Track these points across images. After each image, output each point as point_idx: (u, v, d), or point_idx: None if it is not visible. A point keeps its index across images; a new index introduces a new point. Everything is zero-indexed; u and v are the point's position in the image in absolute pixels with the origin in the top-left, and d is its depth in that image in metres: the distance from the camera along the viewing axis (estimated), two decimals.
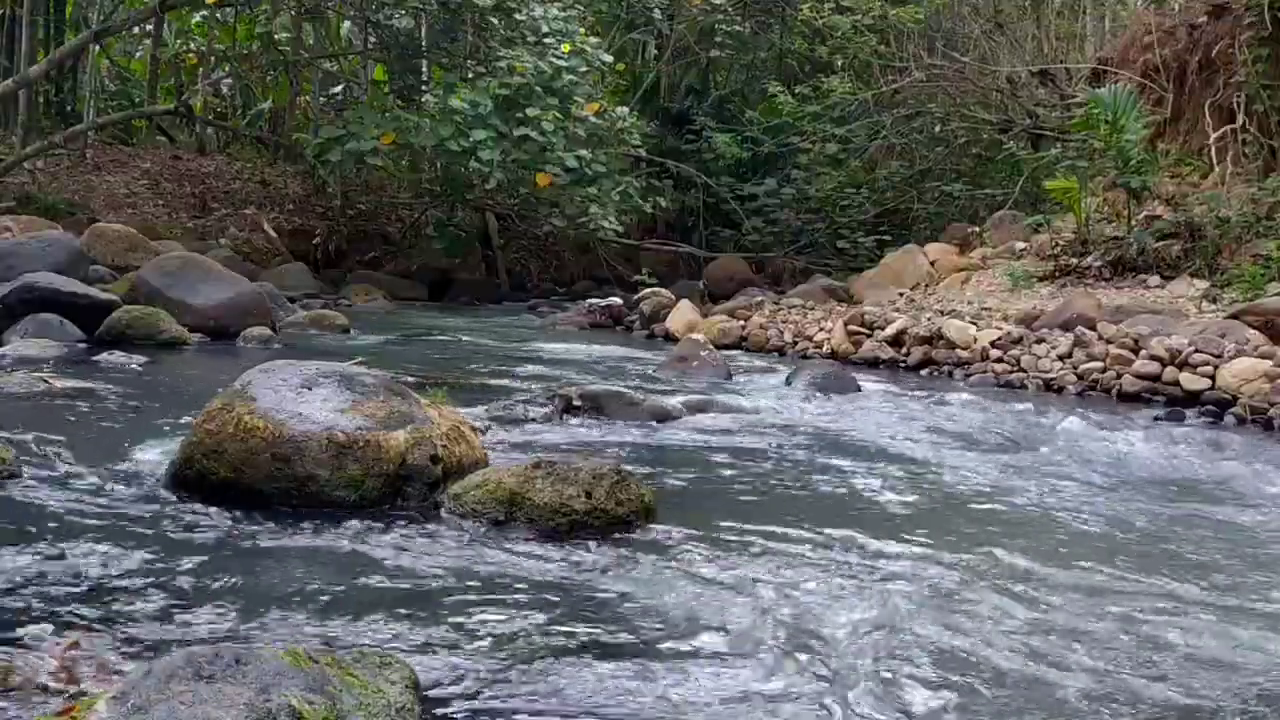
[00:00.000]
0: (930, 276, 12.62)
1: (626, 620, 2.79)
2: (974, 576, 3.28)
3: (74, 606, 2.65)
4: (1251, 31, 10.94)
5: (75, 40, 17.05)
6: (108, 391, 5.76)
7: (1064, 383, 8.10)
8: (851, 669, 2.53)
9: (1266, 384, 6.98)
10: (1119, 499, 4.60)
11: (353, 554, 3.20)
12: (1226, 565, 3.61)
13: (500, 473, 3.68)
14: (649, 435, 5.53)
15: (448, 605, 2.81)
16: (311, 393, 3.79)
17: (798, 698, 2.37)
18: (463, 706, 2.25)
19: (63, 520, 3.35)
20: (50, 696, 2.13)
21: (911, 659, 2.60)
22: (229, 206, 18.11)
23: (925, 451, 5.49)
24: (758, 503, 4.25)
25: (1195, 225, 10.47)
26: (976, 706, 2.37)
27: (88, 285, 8.51)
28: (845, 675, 2.50)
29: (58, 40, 19.03)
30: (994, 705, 2.38)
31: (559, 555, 3.29)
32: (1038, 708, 2.38)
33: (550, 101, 14.79)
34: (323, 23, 19.20)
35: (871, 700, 2.37)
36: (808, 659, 2.58)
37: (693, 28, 19.94)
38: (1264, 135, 11.08)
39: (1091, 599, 3.13)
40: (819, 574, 3.22)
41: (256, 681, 1.82)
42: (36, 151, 15.94)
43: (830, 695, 2.38)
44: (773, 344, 10.61)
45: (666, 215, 19.67)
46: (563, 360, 9.04)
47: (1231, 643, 2.83)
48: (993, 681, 2.50)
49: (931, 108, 17.22)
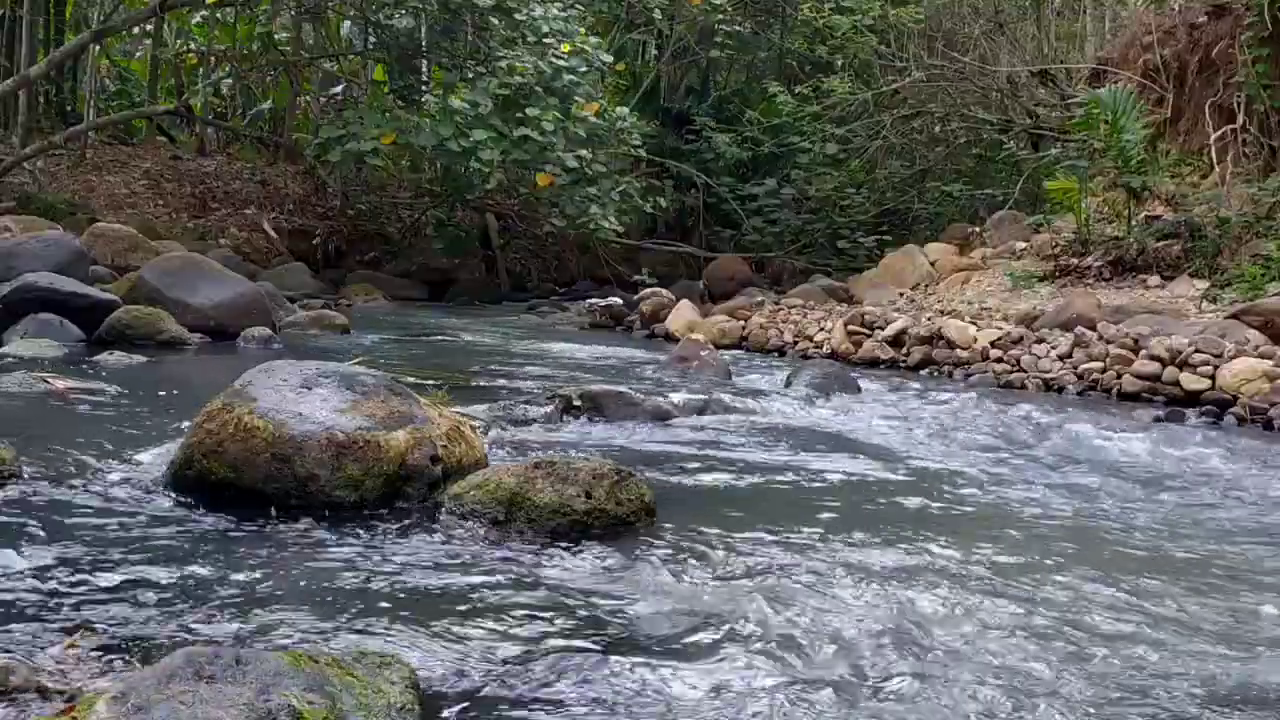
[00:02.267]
0: (930, 276, 12.62)
1: (627, 620, 2.79)
2: (974, 576, 3.28)
3: (73, 606, 2.65)
4: (1251, 31, 10.94)
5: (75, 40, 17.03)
6: (108, 391, 5.76)
7: (1064, 383, 8.10)
8: (852, 669, 2.53)
9: (1266, 384, 6.99)
10: (1119, 499, 4.60)
11: (352, 554, 3.20)
12: (1227, 565, 3.60)
13: (500, 473, 3.68)
14: (649, 435, 5.53)
15: (448, 605, 2.81)
16: (311, 393, 3.79)
17: (798, 698, 2.36)
18: (463, 706, 2.25)
19: (62, 520, 3.35)
20: (50, 696, 2.13)
21: (912, 659, 2.60)
22: (229, 206, 18.11)
23: (925, 452, 5.49)
24: (758, 503, 4.24)
25: (1195, 225, 10.47)
26: (977, 707, 2.37)
27: (88, 285, 8.50)
28: (846, 675, 2.50)
29: (58, 40, 19.02)
30: (994, 705, 2.38)
31: (559, 555, 3.29)
32: (1039, 708, 2.37)
33: (550, 101, 14.78)
34: (323, 23, 19.18)
35: (872, 700, 2.37)
36: (808, 659, 2.58)
37: (693, 28, 19.93)
38: (1264, 135, 11.08)
39: (1091, 599, 3.13)
40: (819, 574, 3.22)
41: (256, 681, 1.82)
42: (36, 151, 15.94)
43: (831, 695, 2.38)
44: (773, 344, 10.61)
45: (666, 215, 19.66)
46: (563, 360, 9.04)
47: (1232, 642, 2.83)
48: (993, 681, 2.49)
49: (931, 108, 17.21)
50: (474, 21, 15.55)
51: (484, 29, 15.51)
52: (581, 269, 19.39)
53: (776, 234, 18.18)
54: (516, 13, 15.06)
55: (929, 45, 17.49)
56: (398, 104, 16.39)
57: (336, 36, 20.53)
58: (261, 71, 20.36)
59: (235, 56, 19.99)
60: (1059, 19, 18.19)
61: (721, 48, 19.77)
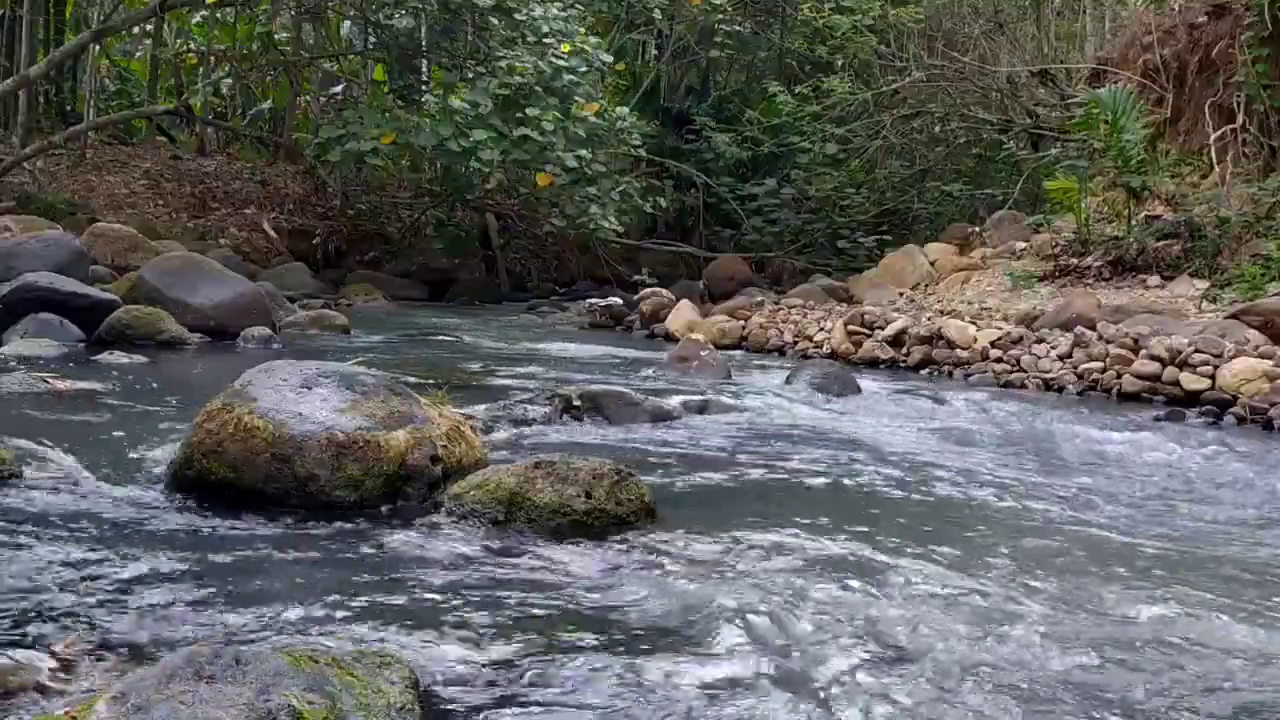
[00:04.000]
0: (930, 276, 12.62)
1: (626, 620, 2.79)
2: (974, 576, 3.28)
3: (73, 607, 2.65)
4: (1251, 31, 10.94)
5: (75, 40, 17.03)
6: (108, 391, 5.76)
7: (1064, 383, 8.10)
8: (852, 669, 2.53)
9: (1266, 384, 6.99)
10: (1118, 499, 4.60)
11: (353, 554, 3.20)
12: (1227, 566, 3.61)
13: (500, 473, 3.68)
14: (649, 435, 5.53)
15: (448, 605, 2.81)
16: (311, 393, 3.79)
17: (798, 698, 2.36)
18: (463, 706, 2.25)
19: (63, 520, 3.35)
20: (50, 697, 2.13)
21: (913, 659, 2.60)
22: (229, 206, 18.11)
23: (925, 452, 5.49)
24: (758, 502, 4.24)
25: (1195, 225, 10.47)
26: (977, 707, 2.37)
27: (88, 285, 8.50)
28: (846, 675, 2.49)
29: (58, 40, 19.03)
30: (994, 706, 2.38)
31: (559, 555, 3.29)
32: (1040, 709, 2.37)
33: (550, 101, 14.78)
34: (323, 23, 19.19)
35: (873, 700, 2.37)
36: (808, 659, 2.58)
37: (693, 28, 19.93)
38: (1264, 135, 11.09)
39: (1091, 599, 3.13)
40: (819, 574, 3.22)
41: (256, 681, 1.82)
42: (36, 151, 15.94)
43: (831, 695, 2.38)
44: (773, 344, 10.61)
45: (666, 215, 19.66)
46: (563, 360, 9.04)
47: (1233, 642, 2.83)
48: (993, 682, 2.49)
49: (931, 108, 17.21)
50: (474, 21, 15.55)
51: (484, 29, 15.52)
52: (581, 269, 19.39)
53: (776, 234, 18.18)
54: (516, 13, 15.07)
55: (929, 45, 17.49)
56: (398, 104, 16.39)
57: (336, 36, 20.53)
58: (261, 71, 20.36)
59: (235, 56, 19.99)
60: (1059, 19, 18.19)
61: (721, 48, 19.78)
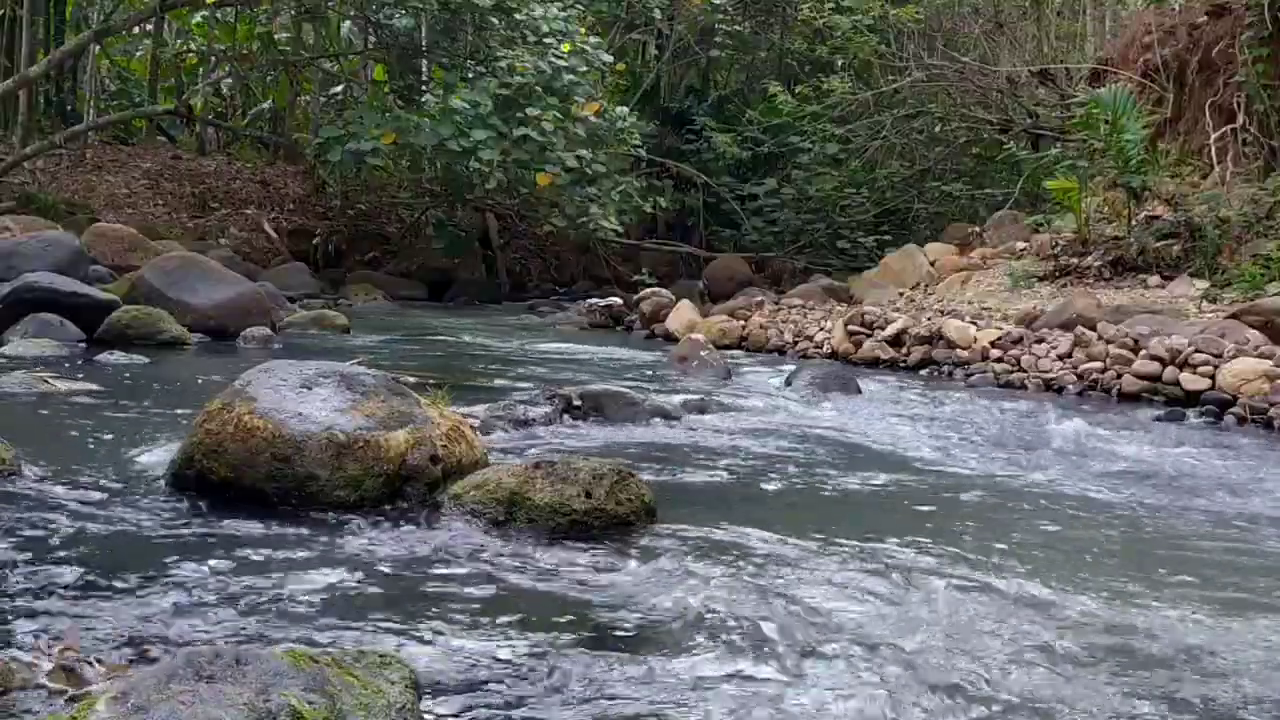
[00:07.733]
0: (930, 276, 12.62)
1: (626, 620, 2.79)
2: (973, 576, 3.28)
3: (74, 606, 2.65)
4: (1251, 31, 10.94)
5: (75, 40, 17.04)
6: (108, 391, 5.76)
7: (1064, 383, 8.10)
8: (852, 669, 2.53)
9: (1266, 384, 6.98)
10: (1118, 499, 4.60)
11: (353, 554, 3.20)
12: (1228, 566, 3.61)
13: (500, 473, 3.68)
14: (649, 435, 5.53)
15: (447, 605, 2.81)
16: (311, 393, 3.78)
17: (798, 698, 2.37)
18: (463, 706, 2.25)
19: (63, 520, 3.35)
20: (50, 697, 2.13)
21: (913, 659, 2.60)
22: (229, 206, 18.12)
23: (925, 452, 5.49)
24: (758, 503, 4.25)
25: (1195, 225, 10.47)
26: (976, 707, 2.37)
27: (88, 285, 8.51)
28: (846, 675, 2.50)
29: (58, 40, 19.02)
30: (994, 706, 2.38)
31: (559, 555, 3.29)
32: (1040, 709, 2.37)
33: (550, 101, 14.79)
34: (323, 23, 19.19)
35: (872, 700, 2.37)
36: (808, 659, 2.58)
37: (693, 28, 19.94)
38: (1264, 135, 11.08)
39: (1092, 599, 3.13)
40: (819, 574, 3.22)
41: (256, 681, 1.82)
42: (36, 151, 15.95)
43: (830, 695, 2.38)
44: (773, 344, 10.61)
45: (666, 215, 19.67)
46: (563, 360, 9.05)
47: (1233, 642, 2.83)
48: (993, 681, 2.49)
49: (931, 108, 17.21)
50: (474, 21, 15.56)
51: (484, 29, 15.52)
52: (581, 269, 19.40)
53: (776, 234, 18.19)
54: (516, 13, 15.08)
55: (929, 45, 17.49)
56: (398, 104, 16.40)
57: (336, 36, 20.54)
58: (261, 71, 20.37)
59: (235, 56, 20.00)
60: (1059, 19, 18.20)
61: (721, 48, 19.80)
